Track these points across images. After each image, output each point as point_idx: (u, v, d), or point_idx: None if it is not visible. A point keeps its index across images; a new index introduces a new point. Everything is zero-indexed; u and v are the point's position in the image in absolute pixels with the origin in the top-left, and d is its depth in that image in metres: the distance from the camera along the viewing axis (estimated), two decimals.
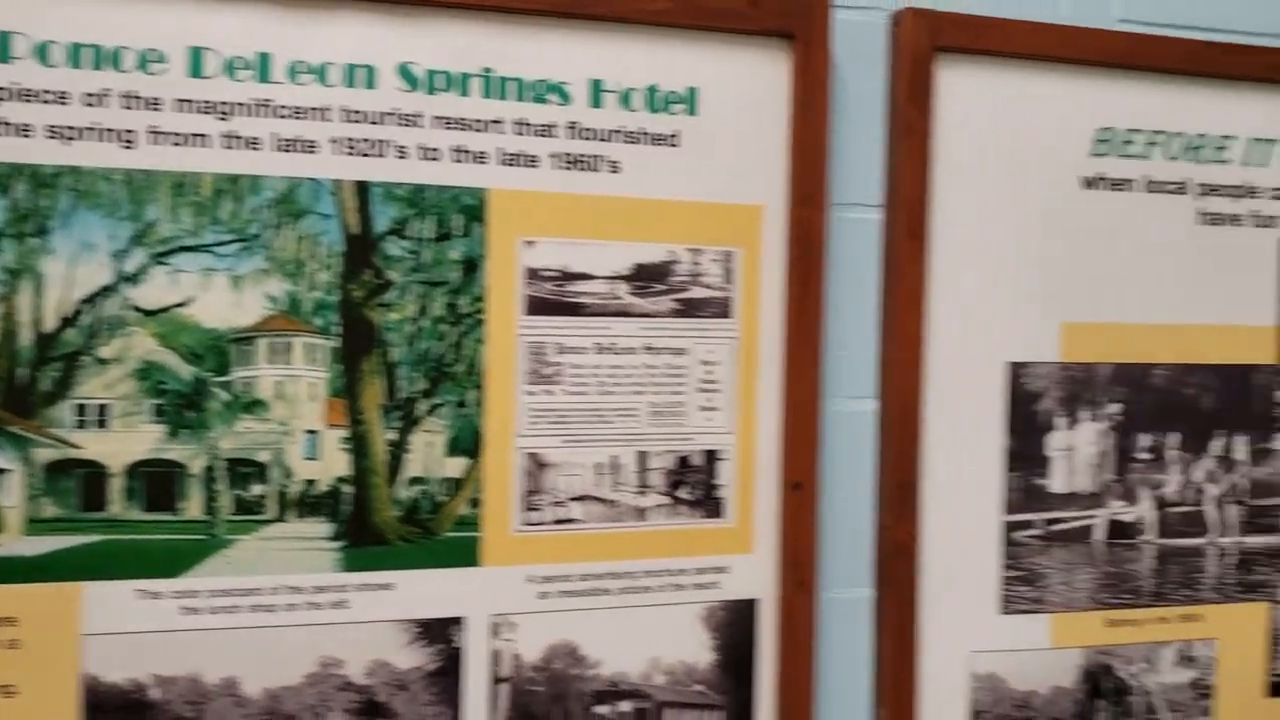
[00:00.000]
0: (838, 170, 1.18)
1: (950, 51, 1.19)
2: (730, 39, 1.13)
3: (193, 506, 1.00)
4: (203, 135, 0.99)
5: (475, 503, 1.06)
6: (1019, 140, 1.22)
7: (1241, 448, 1.30)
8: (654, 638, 1.13)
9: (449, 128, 1.05)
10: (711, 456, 1.14)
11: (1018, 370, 1.22)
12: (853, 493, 1.21)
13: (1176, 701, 1.29)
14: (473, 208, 1.05)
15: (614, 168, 1.10)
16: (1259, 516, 1.31)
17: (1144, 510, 1.27)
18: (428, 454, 1.05)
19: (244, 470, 1.01)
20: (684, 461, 1.14)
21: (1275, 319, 1.30)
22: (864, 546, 1.22)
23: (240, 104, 1.00)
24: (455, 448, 1.06)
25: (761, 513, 1.16)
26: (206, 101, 0.99)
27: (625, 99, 1.10)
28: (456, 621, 1.07)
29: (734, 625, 1.15)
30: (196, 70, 0.99)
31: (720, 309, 1.14)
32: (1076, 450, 1.25)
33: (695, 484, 1.14)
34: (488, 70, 1.06)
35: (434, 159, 1.05)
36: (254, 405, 1.01)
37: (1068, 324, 1.24)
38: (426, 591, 1.06)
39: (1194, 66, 1.26)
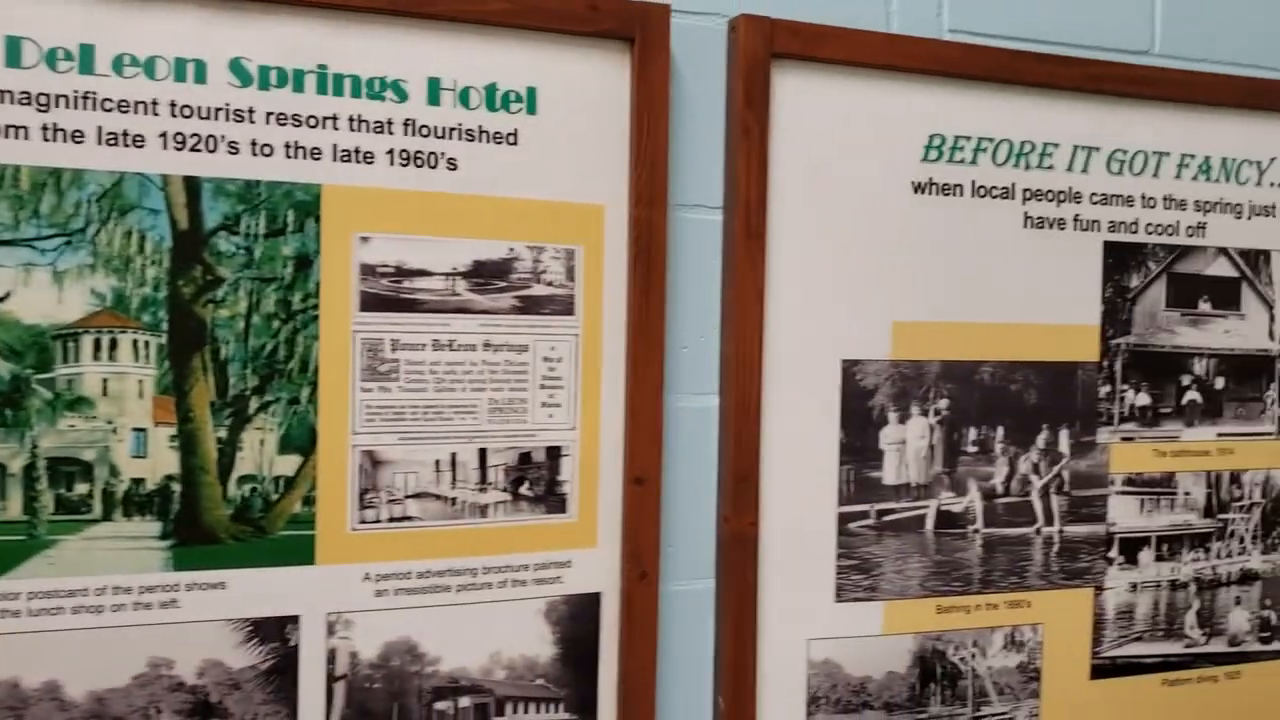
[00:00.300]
0: (679, 171, 1.21)
1: (786, 58, 1.22)
2: (570, 40, 1.15)
3: (12, 506, 0.97)
4: (21, 127, 0.97)
5: (309, 501, 1.06)
6: (853, 145, 1.26)
7: (1065, 441, 1.36)
8: (495, 633, 1.14)
9: (282, 123, 1.05)
10: (554, 452, 1.16)
11: (852, 367, 1.26)
12: (695, 486, 1.24)
13: (1005, 684, 1.34)
14: (306, 204, 1.05)
15: (452, 165, 1.10)
16: (1081, 506, 1.37)
17: (972, 501, 1.32)
18: (259, 452, 1.04)
19: (67, 469, 0.99)
20: (526, 458, 1.15)
21: (1098, 319, 1.36)
22: (706, 539, 1.24)
23: (62, 95, 0.98)
24: (288, 445, 1.05)
25: (605, 507, 1.18)
26: (25, 92, 0.97)
27: (463, 97, 1.11)
28: (292, 620, 1.06)
29: (576, 619, 1.17)
30: (14, 60, 0.96)
31: (562, 306, 1.15)
32: (907, 444, 1.29)
33: (537, 480, 1.15)
34: (322, 67, 1.06)
35: (267, 155, 1.04)
36: (78, 403, 0.99)
37: (899, 323, 1.28)
38: (260, 590, 1.05)
39: (1020, 76, 1.32)
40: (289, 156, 1.05)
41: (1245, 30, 1.46)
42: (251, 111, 1.04)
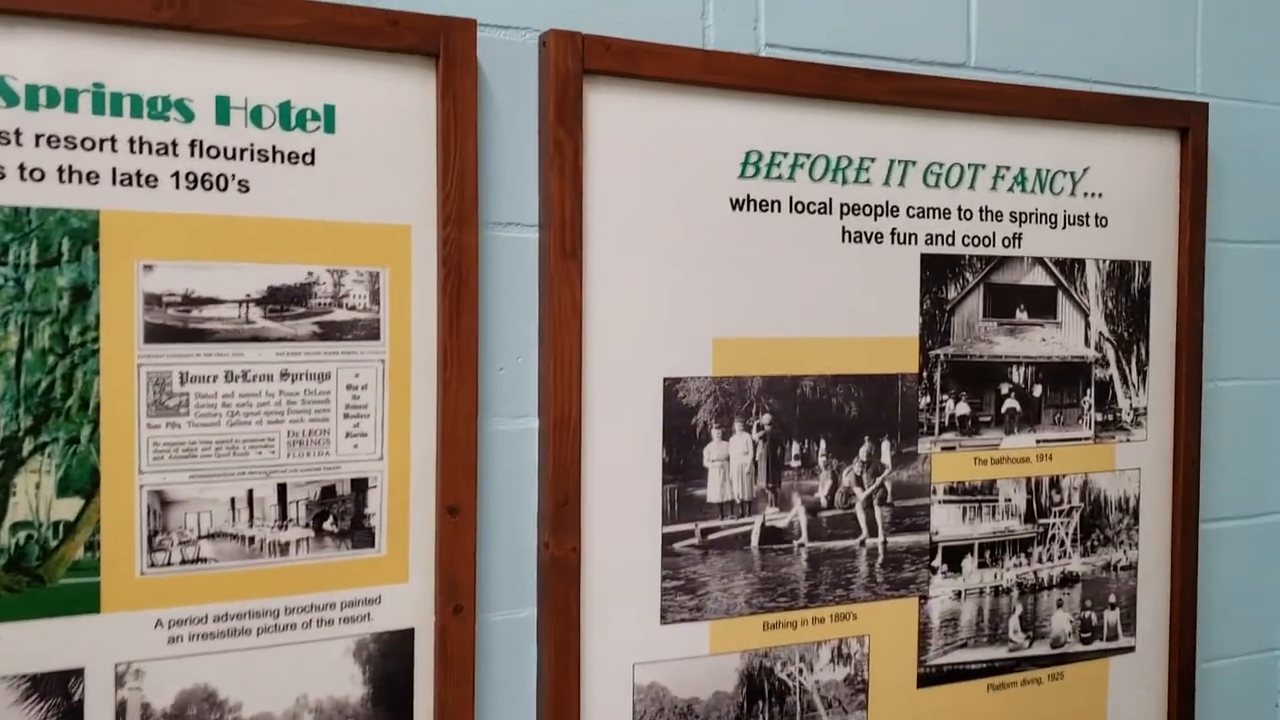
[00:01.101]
0: (492, 190, 1.18)
1: (599, 74, 1.20)
2: (369, 56, 1.11)
3: None
4: None
5: (93, 546, 1.00)
6: (670, 162, 1.24)
7: (886, 452, 1.37)
8: (301, 676, 1.09)
9: (54, 146, 0.98)
10: (360, 484, 1.12)
11: (673, 385, 1.25)
12: (515, 513, 1.21)
13: (833, 698, 1.35)
14: (83, 231, 0.99)
15: (244, 187, 1.05)
16: (905, 516, 1.38)
17: (796, 515, 1.32)
18: (35, 496, 0.97)
19: None
20: (329, 491, 1.10)
21: (917, 330, 1.38)
22: (527, 566, 1.22)
23: None
24: (68, 488, 0.99)
25: (417, 540, 1.15)
26: None
27: (255, 116, 1.06)
28: (76, 673, 1.00)
29: (388, 657, 1.13)
30: None
31: (367, 331, 1.11)
32: (731, 460, 1.29)
33: (342, 514, 1.11)
34: (99, 85, 1.00)
35: (37, 180, 0.98)
36: None
37: (720, 339, 1.27)
38: (38, 644, 0.99)
39: (837, 91, 1.32)
40: (63, 181, 0.98)
41: (1058, 42, 1.49)
42: (19, 133, 0.97)
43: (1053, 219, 1.46)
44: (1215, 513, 1.62)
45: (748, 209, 1.28)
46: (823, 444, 1.33)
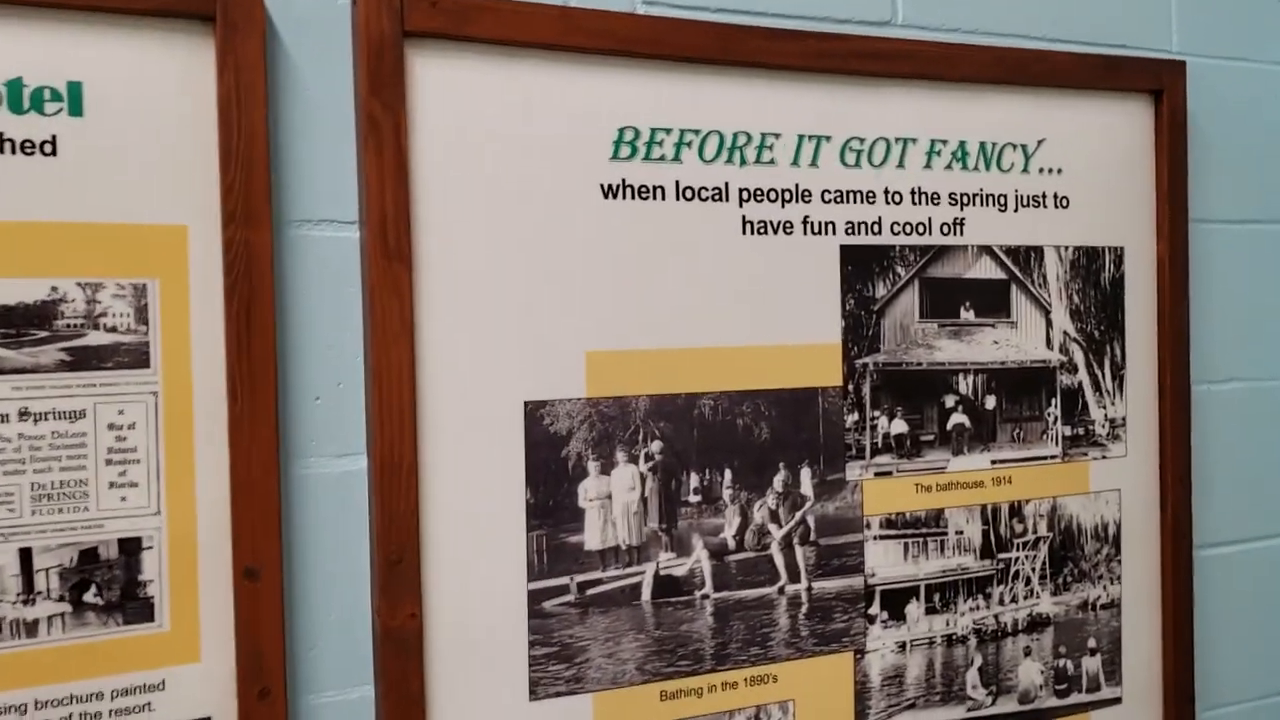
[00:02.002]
0: (301, 180, 0.97)
1: (424, 37, 0.99)
2: (126, 21, 0.90)
3: None
4: None
5: None
6: (524, 142, 1.03)
7: (807, 481, 1.15)
8: None
9: None
10: (131, 545, 0.91)
11: (537, 410, 1.03)
12: (341, 573, 1.00)
13: None
14: None
15: None
16: (833, 556, 1.16)
17: (698, 561, 1.10)
18: None
19: None
20: (90, 555, 0.89)
21: (839, 336, 1.15)
22: (361, 638, 1.00)
23: None
24: None
25: (210, 610, 0.93)
26: None
27: None
28: None
29: None
30: None
31: (132, 357, 0.90)
32: (614, 498, 1.07)
33: (109, 582, 0.90)
34: None
35: None
36: None
37: (594, 353, 1.06)
38: None
39: (730, 55, 1.11)
40: None
41: None
42: None
43: (1001, 200, 1.24)
44: (1211, 537, 1.38)
45: (623, 196, 1.06)
46: (728, 474, 1.11)
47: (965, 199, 1.22)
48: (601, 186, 1.06)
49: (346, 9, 0.99)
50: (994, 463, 1.24)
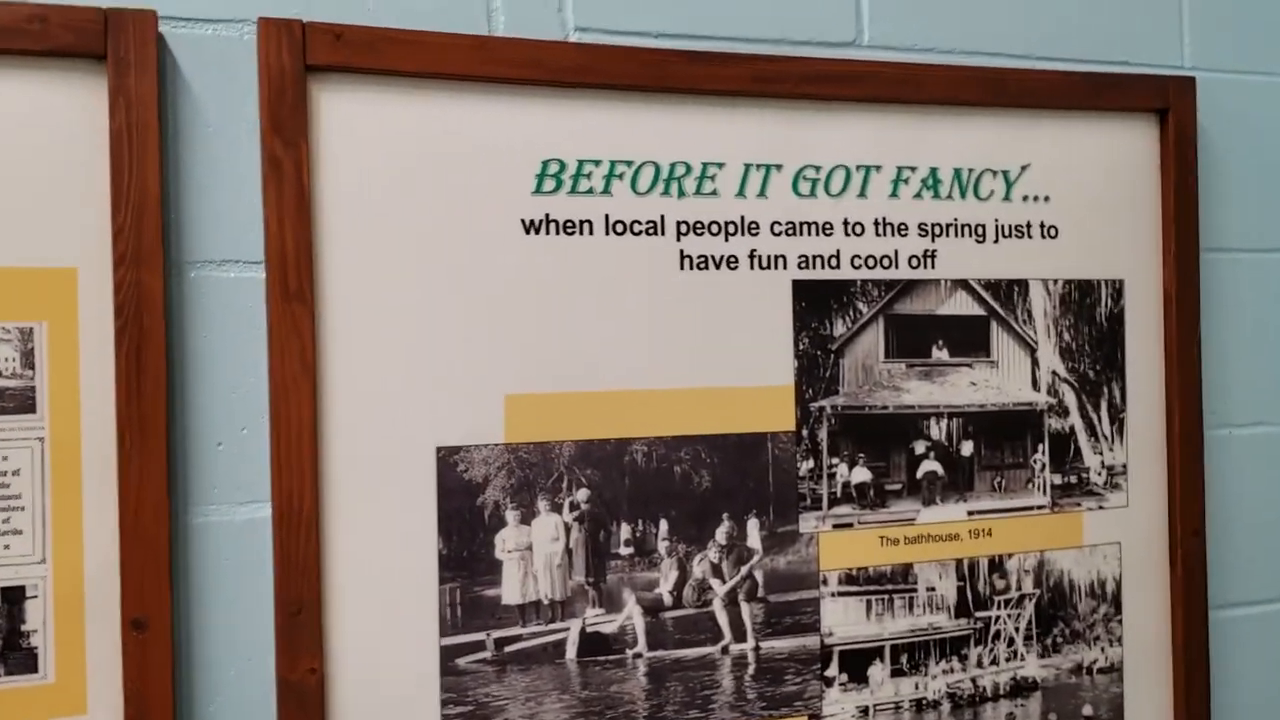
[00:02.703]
0: (204, 220, 0.95)
1: (329, 71, 0.95)
2: (14, 63, 0.88)
3: None
4: None
5: None
6: (437, 177, 0.99)
7: (755, 533, 1.07)
8: None
9: None
10: (14, 594, 0.89)
11: (451, 456, 0.99)
12: (243, 624, 0.96)
13: None
14: None
15: None
16: (784, 614, 1.09)
17: (630, 618, 1.04)
18: None
19: None
20: None
21: (791, 377, 1.08)
22: (263, 691, 0.96)
23: None
24: None
25: (98, 662, 0.91)
26: None
27: None
28: None
29: None
30: None
31: (17, 403, 0.89)
32: (535, 550, 1.01)
33: None
34: None
35: None
36: None
37: (514, 396, 1.00)
38: None
39: (667, 82, 1.05)
40: None
41: (980, 11, 1.18)
42: None
43: (979, 231, 1.15)
44: (1229, 597, 1.26)
45: (547, 231, 1.01)
46: (664, 525, 1.05)
47: (938, 230, 1.14)
48: (523, 222, 1.01)
49: (253, 44, 0.96)
50: (971, 513, 1.15)
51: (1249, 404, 1.27)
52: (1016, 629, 1.17)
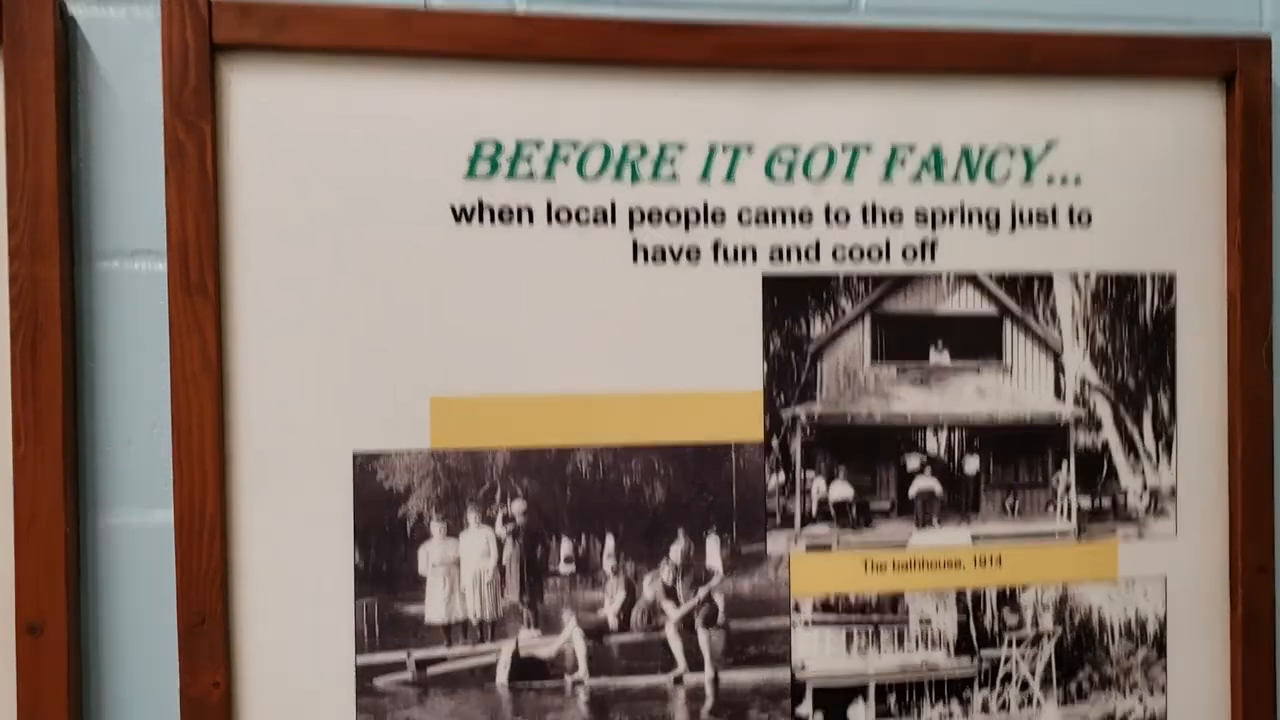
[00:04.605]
0: (112, 210, 0.92)
1: (239, 49, 0.90)
2: None
3: None
4: None
5: None
6: (358, 163, 0.92)
7: (716, 552, 0.97)
8: None
9: None
10: None
11: (369, 463, 0.92)
12: (150, 633, 0.92)
13: None
14: None
15: None
16: (749, 643, 0.98)
17: (569, 641, 0.95)
18: None
19: None
20: None
21: (760, 382, 0.97)
22: (167, 706, 0.92)
23: None
24: None
25: None
26: None
27: None
28: None
29: None
30: None
31: None
32: (463, 565, 0.94)
33: None
34: None
35: None
36: None
37: (440, 399, 0.93)
38: None
39: (619, 54, 0.96)
40: None
41: None
42: None
43: (992, 218, 1.01)
44: None
45: (480, 220, 0.93)
46: (610, 541, 0.95)
47: (939, 217, 1.00)
48: (453, 209, 0.93)
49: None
50: (976, 539, 1.01)
51: None
52: (1032, 671, 1.02)
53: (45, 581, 0.88)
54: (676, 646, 0.97)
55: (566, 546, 0.95)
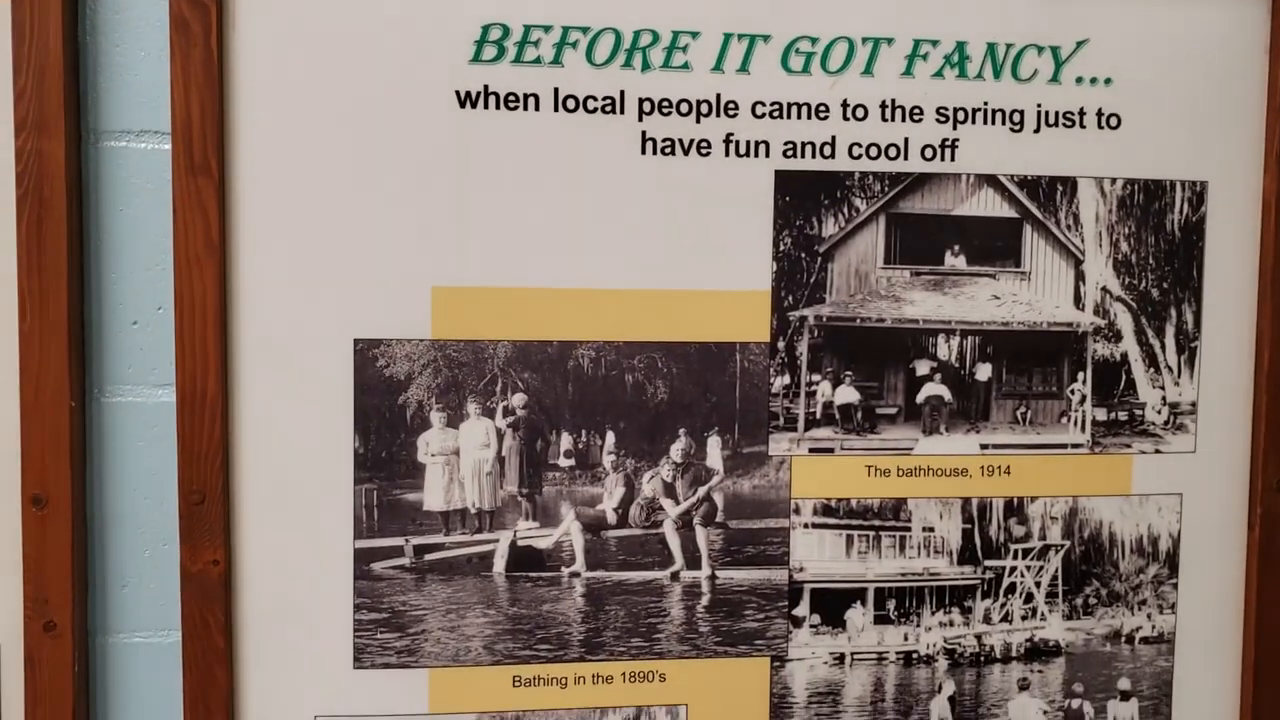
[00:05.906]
0: (117, 88, 0.92)
1: None
2: None
3: None
4: None
5: None
6: (363, 45, 0.91)
7: (716, 452, 0.96)
8: None
9: None
10: None
11: (370, 350, 0.92)
12: (155, 508, 0.93)
13: None
14: None
15: None
16: (747, 542, 0.97)
17: (568, 534, 0.95)
18: None
19: None
20: None
21: (768, 281, 0.96)
22: (173, 581, 0.93)
23: None
24: None
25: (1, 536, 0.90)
26: None
27: None
28: None
29: None
30: None
31: None
32: (462, 455, 0.94)
33: None
34: None
35: None
36: None
37: (443, 289, 0.93)
38: None
39: None
40: None
41: None
42: None
43: (1016, 118, 0.98)
44: None
45: (484, 105, 0.92)
46: (610, 437, 0.95)
47: (961, 115, 0.97)
48: (457, 94, 0.92)
49: None
50: (985, 448, 1.00)
51: None
52: (1037, 583, 1.01)
53: (50, 455, 0.89)
54: (674, 543, 0.97)
55: (566, 441, 0.95)
